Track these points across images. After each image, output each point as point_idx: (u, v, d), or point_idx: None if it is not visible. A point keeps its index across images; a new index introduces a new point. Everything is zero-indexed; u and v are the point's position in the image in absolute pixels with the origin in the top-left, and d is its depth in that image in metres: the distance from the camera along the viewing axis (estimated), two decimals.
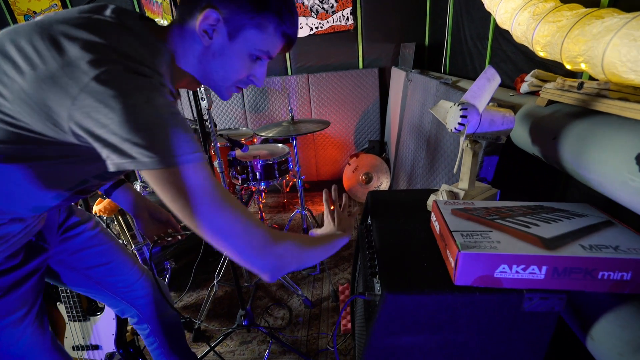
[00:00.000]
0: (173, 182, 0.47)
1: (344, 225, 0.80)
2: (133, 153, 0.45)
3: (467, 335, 0.64)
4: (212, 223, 0.49)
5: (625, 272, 0.54)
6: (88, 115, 0.44)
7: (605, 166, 0.59)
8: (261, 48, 0.60)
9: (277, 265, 0.55)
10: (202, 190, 0.49)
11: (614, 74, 0.63)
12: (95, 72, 0.43)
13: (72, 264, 0.84)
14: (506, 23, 1.05)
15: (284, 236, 0.57)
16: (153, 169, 0.46)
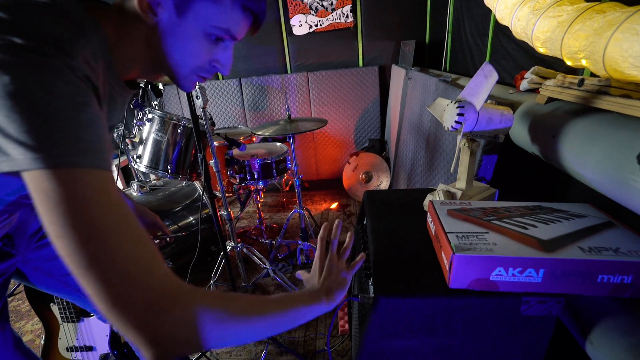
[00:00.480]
0: (47, 190, 0.36)
1: (334, 284, 0.59)
2: (8, 149, 0.36)
3: (463, 339, 0.62)
4: (81, 255, 0.36)
5: (625, 275, 0.52)
6: None
7: (606, 166, 0.57)
8: (218, 25, 0.50)
9: (162, 342, 0.38)
10: (80, 207, 0.37)
11: (616, 70, 0.61)
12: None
13: (49, 271, 0.81)
14: (506, 19, 1.03)
15: (192, 298, 0.40)
16: (28, 169, 0.36)
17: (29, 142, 0.36)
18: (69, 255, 0.36)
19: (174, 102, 3.22)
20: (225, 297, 0.45)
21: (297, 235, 2.25)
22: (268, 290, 1.76)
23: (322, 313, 0.56)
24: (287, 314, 0.49)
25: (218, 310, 0.42)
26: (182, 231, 1.72)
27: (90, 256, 0.36)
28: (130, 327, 0.37)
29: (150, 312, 0.38)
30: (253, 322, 0.45)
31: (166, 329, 0.38)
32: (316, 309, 0.54)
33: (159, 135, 1.51)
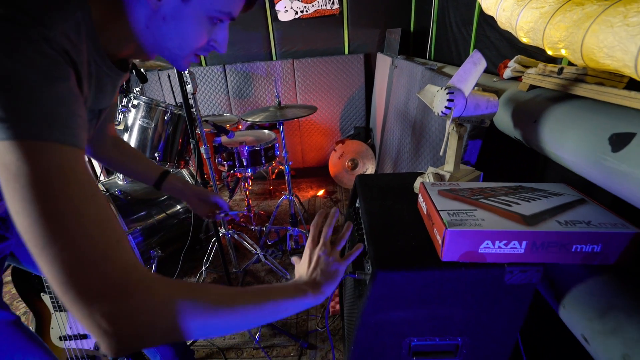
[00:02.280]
0: (7, 162, 0.34)
1: (322, 277, 0.56)
2: None
3: (453, 308, 0.67)
4: (37, 233, 0.34)
5: (595, 244, 0.58)
6: None
7: (581, 147, 0.63)
8: (221, 9, 0.50)
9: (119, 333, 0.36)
10: (41, 182, 0.35)
11: (592, 59, 0.66)
12: None
13: None
14: (491, 9, 1.07)
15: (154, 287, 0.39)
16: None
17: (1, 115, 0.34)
18: (26, 232, 0.35)
19: (155, 88, 3.12)
20: (194, 288, 0.43)
21: (286, 221, 2.28)
22: (259, 275, 1.79)
23: (309, 307, 0.53)
24: (264, 307, 0.47)
25: (185, 301, 0.40)
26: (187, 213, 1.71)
27: (48, 235, 0.34)
28: (84, 315, 0.35)
29: (104, 300, 0.36)
30: (224, 314, 0.42)
31: (120, 318, 0.36)
32: (301, 303, 0.52)
33: (146, 122, 1.48)
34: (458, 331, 0.71)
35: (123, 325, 0.36)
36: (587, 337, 0.62)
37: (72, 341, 1.09)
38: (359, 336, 0.72)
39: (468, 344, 0.73)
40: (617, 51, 0.59)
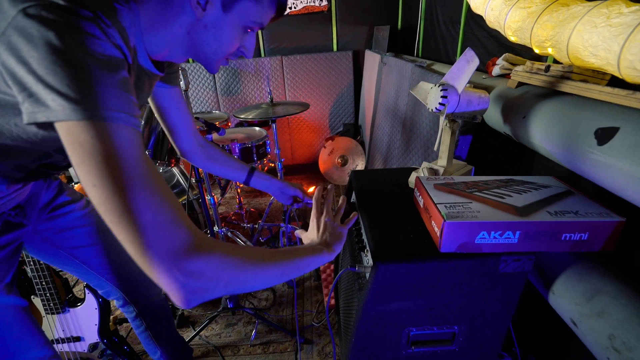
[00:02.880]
0: (83, 141, 0.38)
1: (331, 237, 0.66)
2: (48, 100, 0.38)
3: (450, 298, 0.70)
4: (115, 204, 0.39)
5: (583, 233, 0.62)
6: (12, 51, 0.39)
7: (569, 141, 0.66)
8: (255, 19, 0.57)
9: (189, 285, 0.41)
10: (116, 158, 0.39)
11: (577, 57, 0.69)
12: (25, 4, 0.38)
13: (58, 243, 0.84)
14: (480, 8, 1.10)
15: (211, 247, 0.44)
16: (65, 120, 0.38)
17: (70, 94, 0.38)
18: (102, 203, 0.39)
19: None
20: (241, 248, 0.49)
21: (278, 218, 2.28)
22: None
23: (325, 262, 0.62)
24: (294, 263, 0.55)
25: (236, 258, 0.46)
26: None
27: (124, 204, 0.39)
28: (160, 271, 0.40)
29: (177, 257, 0.41)
30: (267, 268, 0.50)
31: (192, 273, 0.41)
32: (319, 259, 0.61)
33: None
34: (454, 320, 0.74)
35: (196, 278, 0.41)
36: (575, 320, 0.66)
37: (65, 344, 1.07)
38: (360, 327, 0.74)
39: (464, 332, 0.76)
40: (601, 50, 0.62)
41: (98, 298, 1.02)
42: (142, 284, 0.98)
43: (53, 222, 0.81)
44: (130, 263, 1.02)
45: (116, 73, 0.42)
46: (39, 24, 0.38)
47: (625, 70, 0.58)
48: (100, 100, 0.39)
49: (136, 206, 0.39)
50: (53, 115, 0.39)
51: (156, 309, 1.02)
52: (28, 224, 0.74)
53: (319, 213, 0.70)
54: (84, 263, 0.88)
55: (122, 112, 0.41)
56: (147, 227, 0.40)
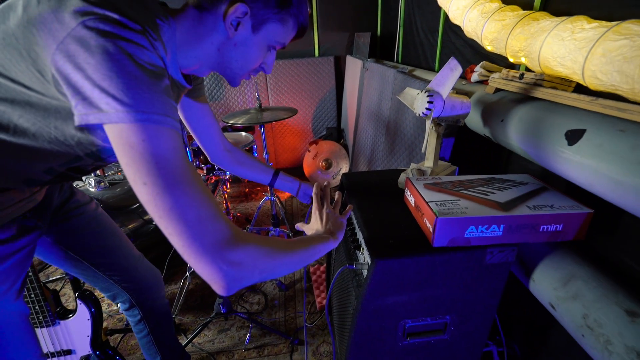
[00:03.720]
0: (134, 143, 0.42)
1: (334, 226, 0.71)
2: (101, 103, 0.41)
3: (443, 289, 0.75)
4: (163, 200, 0.42)
5: (558, 224, 0.69)
6: (69, 58, 0.42)
7: (543, 142, 0.73)
8: (279, 40, 0.62)
9: (231, 274, 0.45)
10: (163, 159, 0.43)
11: (547, 67, 0.77)
12: (84, 17, 0.42)
13: (69, 245, 0.84)
14: (458, 19, 1.18)
15: (247, 239, 0.48)
16: (117, 122, 0.42)
17: (124, 98, 0.41)
18: (152, 200, 0.42)
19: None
20: (267, 238, 0.54)
21: (266, 222, 2.29)
22: None
23: (332, 248, 0.68)
24: (309, 250, 0.61)
25: (267, 247, 0.50)
26: None
27: (172, 201, 0.42)
28: (206, 262, 0.43)
29: (220, 248, 0.44)
30: (289, 256, 0.55)
31: (233, 263, 0.45)
32: (327, 246, 0.66)
33: None
34: (446, 310, 0.79)
35: (237, 267, 0.45)
36: (553, 304, 0.73)
37: (56, 358, 1.03)
38: (359, 323, 0.77)
39: (455, 322, 0.81)
40: (567, 61, 0.70)
41: (91, 308, 0.99)
42: (149, 286, 0.98)
43: (65, 224, 0.82)
44: (138, 266, 1.02)
45: (161, 81, 0.46)
46: (97, 34, 0.41)
47: (588, 79, 0.66)
48: (150, 105, 0.43)
49: (182, 202, 0.43)
50: (105, 118, 0.42)
51: (160, 313, 1.02)
52: (42, 226, 0.74)
53: (320, 206, 0.76)
54: (92, 265, 0.88)
55: (168, 116, 0.45)
56: (193, 221, 0.43)
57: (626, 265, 0.72)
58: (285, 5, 0.59)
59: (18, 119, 0.51)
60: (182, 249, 0.43)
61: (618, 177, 0.55)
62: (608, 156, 0.57)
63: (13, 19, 0.47)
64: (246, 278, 0.47)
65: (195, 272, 0.45)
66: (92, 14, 0.43)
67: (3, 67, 0.48)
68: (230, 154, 0.94)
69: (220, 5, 0.57)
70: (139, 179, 0.42)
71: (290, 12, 0.61)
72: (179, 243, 0.43)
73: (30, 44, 0.45)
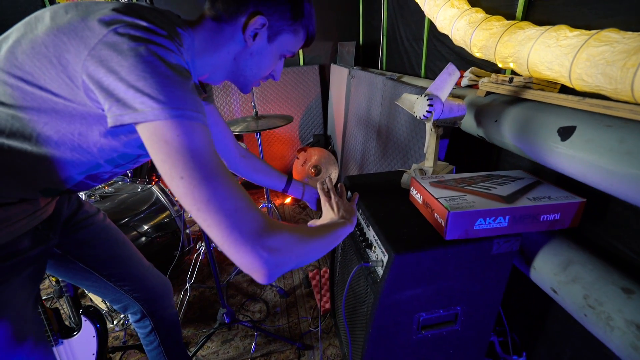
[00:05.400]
0: (169, 138, 0.43)
1: (346, 212, 0.75)
2: (136, 103, 0.43)
3: (454, 281, 0.79)
4: (201, 192, 0.43)
5: (556, 214, 0.75)
6: (101, 63, 0.44)
7: (536, 139, 0.80)
8: (290, 49, 0.67)
9: (271, 260, 0.45)
10: (199, 153, 0.44)
11: (536, 71, 0.85)
12: (115, 25, 0.45)
13: (80, 256, 0.83)
14: (445, 28, 1.26)
15: (280, 226, 0.49)
16: (152, 120, 0.43)
17: (159, 96, 0.43)
18: (190, 193, 0.43)
19: None
20: (295, 226, 0.55)
21: None
22: (241, 287, 1.77)
23: (349, 232, 0.71)
24: (332, 234, 0.64)
25: (297, 233, 0.52)
26: (157, 232, 1.63)
27: (209, 193, 0.43)
28: (246, 250, 0.44)
29: (259, 236, 0.45)
30: (318, 240, 0.58)
31: (272, 249, 0.46)
32: (345, 230, 0.69)
33: None
34: (457, 301, 0.83)
35: (276, 253, 0.46)
36: (555, 288, 0.79)
37: None
38: (377, 318, 0.80)
39: (465, 312, 0.85)
40: (555, 65, 0.77)
41: (96, 324, 0.96)
42: (159, 296, 0.96)
43: (75, 235, 0.81)
44: (148, 275, 1.00)
45: (189, 81, 0.48)
46: (128, 39, 0.44)
47: (575, 81, 0.73)
48: (183, 102, 0.45)
49: (219, 194, 0.44)
50: (141, 117, 0.43)
51: (170, 323, 1.01)
52: (54, 238, 0.73)
53: (328, 198, 0.79)
54: (103, 276, 0.86)
55: (198, 112, 0.46)
56: (230, 211, 0.44)
57: (615, 248, 0.79)
58: (299, 17, 0.64)
59: (42, 126, 0.52)
60: (221, 240, 0.44)
61: (609, 168, 0.61)
62: (599, 149, 0.63)
63: (41, 28, 0.48)
64: (285, 264, 0.48)
65: (236, 263, 0.46)
66: (122, 21, 0.46)
67: (32, 76, 0.48)
68: (245, 160, 0.95)
69: (239, 17, 0.60)
70: (175, 174, 0.43)
71: (303, 24, 0.65)
72: (219, 234, 0.44)
73: (61, 51, 0.46)
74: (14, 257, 0.61)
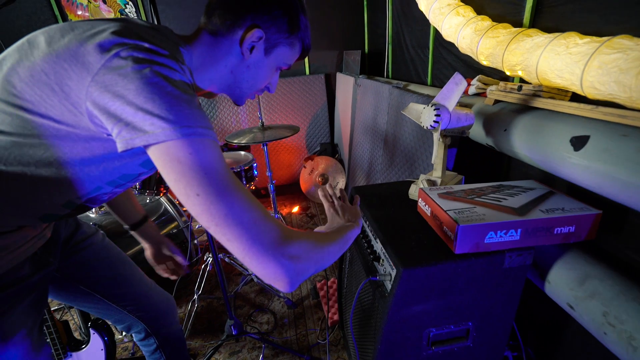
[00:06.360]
0: (182, 157, 0.43)
1: (351, 215, 0.75)
2: (145, 125, 0.43)
3: (465, 295, 0.77)
4: (219, 208, 0.43)
5: (570, 226, 0.72)
6: (105, 89, 0.43)
7: (548, 148, 0.78)
8: (286, 61, 0.67)
9: (292, 268, 0.46)
10: (212, 169, 0.44)
11: (545, 79, 0.83)
12: (117, 49, 0.44)
13: (80, 279, 0.82)
14: (451, 36, 1.25)
15: (297, 234, 0.50)
16: (164, 140, 0.43)
17: (169, 117, 0.43)
18: (207, 209, 0.44)
19: None
20: (308, 233, 0.56)
21: None
22: (249, 297, 1.76)
23: (357, 234, 0.71)
24: (342, 239, 0.64)
25: (313, 239, 0.53)
26: None
27: (226, 207, 0.44)
28: (269, 261, 0.45)
29: (279, 245, 0.46)
30: (332, 245, 0.58)
31: (293, 257, 0.46)
32: (354, 232, 0.69)
33: None
34: (468, 316, 0.81)
35: (297, 261, 0.47)
36: (571, 304, 0.75)
37: None
38: (385, 333, 0.78)
39: (477, 327, 0.82)
40: (565, 73, 0.76)
41: (104, 337, 0.96)
42: (163, 313, 0.95)
43: (75, 257, 0.80)
44: (151, 293, 0.99)
45: (194, 98, 0.48)
46: (132, 62, 0.44)
47: (587, 89, 0.71)
48: (192, 120, 0.45)
49: (237, 207, 0.44)
50: (152, 139, 0.43)
51: (175, 339, 1.00)
52: (54, 261, 0.72)
53: (332, 204, 0.78)
54: (105, 297, 0.85)
55: (208, 128, 0.46)
56: (249, 224, 0.45)
57: (636, 262, 0.76)
58: (295, 30, 0.64)
59: (43, 153, 0.51)
60: (242, 253, 0.45)
61: (628, 179, 0.59)
62: (616, 159, 0.61)
63: (38, 54, 0.47)
64: (306, 270, 0.49)
65: (257, 274, 0.47)
66: (124, 44, 0.45)
67: (32, 104, 0.47)
68: None
69: (237, 30, 0.60)
70: (191, 191, 0.43)
71: (299, 37, 0.65)
72: (239, 247, 0.44)
73: (62, 78, 0.46)
74: (15, 285, 0.61)
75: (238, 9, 0.59)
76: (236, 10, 0.59)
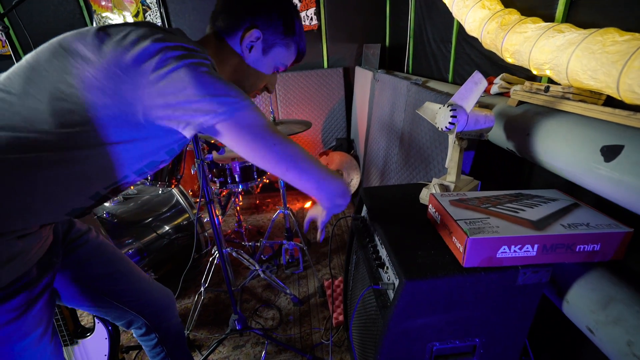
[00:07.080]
0: (251, 122, 0.56)
1: None
2: (213, 106, 0.53)
3: (472, 311, 0.72)
4: (288, 150, 0.60)
5: (595, 244, 0.66)
6: (163, 89, 0.52)
7: (574, 157, 0.71)
8: (284, 62, 0.75)
9: None
10: (270, 124, 0.59)
11: (576, 80, 0.75)
12: (164, 52, 0.52)
13: (78, 277, 0.82)
14: (475, 31, 1.17)
15: None
16: (236, 112, 0.54)
17: (232, 94, 0.55)
18: (276, 162, 0.60)
19: None
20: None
21: (279, 235, 2.27)
22: (256, 292, 1.77)
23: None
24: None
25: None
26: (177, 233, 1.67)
27: (289, 154, 0.60)
28: (337, 180, 0.67)
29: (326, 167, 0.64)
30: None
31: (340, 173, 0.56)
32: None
33: None
34: (476, 332, 0.76)
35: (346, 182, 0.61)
36: (591, 328, 0.69)
37: None
38: (385, 345, 0.75)
39: (485, 344, 0.77)
40: (600, 74, 0.68)
41: (108, 326, 0.98)
42: (163, 308, 0.96)
43: (72, 255, 0.80)
44: (151, 288, 1.00)
45: None
46: (178, 60, 0.53)
47: (624, 93, 0.64)
48: (242, 94, 0.57)
49: (292, 153, 0.61)
50: (226, 115, 0.54)
51: (176, 334, 1.01)
52: (57, 261, 0.72)
53: None
54: (105, 294, 0.85)
55: (248, 98, 0.58)
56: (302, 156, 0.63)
57: None
58: (290, 33, 0.72)
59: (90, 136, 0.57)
60: (316, 185, 0.64)
61: None
62: None
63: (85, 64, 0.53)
64: None
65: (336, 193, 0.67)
66: (168, 47, 0.53)
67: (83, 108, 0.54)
68: None
69: (238, 31, 0.68)
70: (267, 146, 0.57)
71: (294, 39, 0.73)
72: (303, 176, 0.63)
73: (116, 83, 0.53)
74: (26, 288, 0.61)
75: (239, 12, 0.67)
76: (238, 13, 0.67)
